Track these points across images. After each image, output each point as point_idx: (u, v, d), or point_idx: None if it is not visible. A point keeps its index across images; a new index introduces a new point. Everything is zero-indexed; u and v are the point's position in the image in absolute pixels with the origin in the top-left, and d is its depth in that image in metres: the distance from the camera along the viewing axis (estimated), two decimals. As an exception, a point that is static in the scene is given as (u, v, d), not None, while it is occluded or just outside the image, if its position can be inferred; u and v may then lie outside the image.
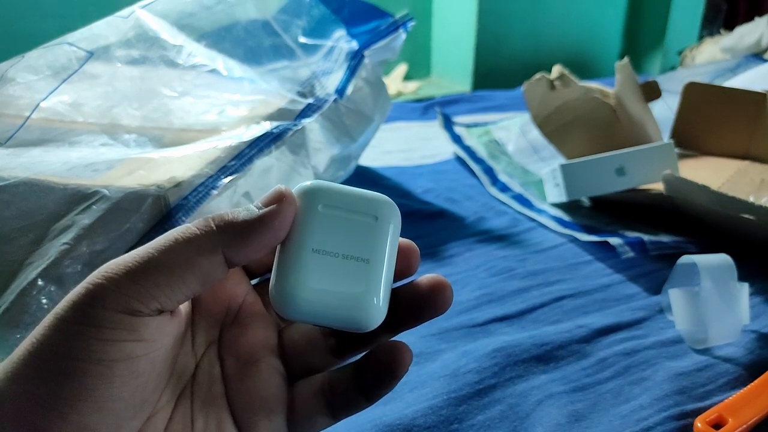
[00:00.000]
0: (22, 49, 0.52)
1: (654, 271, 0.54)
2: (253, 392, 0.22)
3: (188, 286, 0.20)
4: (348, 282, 0.21)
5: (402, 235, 0.24)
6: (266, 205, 0.20)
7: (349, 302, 0.21)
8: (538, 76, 0.72)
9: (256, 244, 0.20)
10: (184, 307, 0.22)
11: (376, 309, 0.21)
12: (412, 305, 0.23)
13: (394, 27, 0.63)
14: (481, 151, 0.82)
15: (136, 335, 0.19)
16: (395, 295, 0.23)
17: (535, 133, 0.78)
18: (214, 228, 0.20)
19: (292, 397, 0.23)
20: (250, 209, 0.20)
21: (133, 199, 0.38)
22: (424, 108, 1.07)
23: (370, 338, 0.24)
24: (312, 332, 0.24)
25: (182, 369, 0.22)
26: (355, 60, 0.59)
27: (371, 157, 0.81)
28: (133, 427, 0.20)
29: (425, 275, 0.23)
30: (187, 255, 0.19)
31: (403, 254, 0.23)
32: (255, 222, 0.20)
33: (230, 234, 0.20)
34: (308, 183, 0.22)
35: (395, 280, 0.23)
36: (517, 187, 0.72)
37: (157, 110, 0.48)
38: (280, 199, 0.20)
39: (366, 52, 0.61)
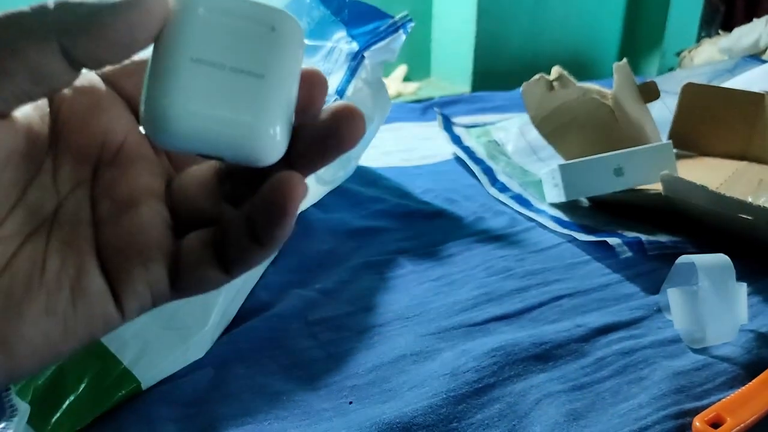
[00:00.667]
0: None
1: (652, 270, 0.54)
2: (129, 237, 0.19)
3: (15, 80, 0.16)
4: (238, 101, 0.17)
5: (400, 235, 0.23)
6: None
7: (240, 126, 0.17)
8: (536, 77, 0.72)
9: (104, 37, 0.16)
10: (30, 121, 0.18)
11: (273, 137, 0.17)
12: (315, 135, 0.19)
13: (394, 28, 0.63)
14: (481, 152, 0.83)
15: None
16: (296, 127, 0.19)
17: (534, 134, 0.79)
18: (50, 7, 0.16)
19: (179, 249, 0.20)
20: None
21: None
22: (423, 109, 1.07)
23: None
24: (205, 177, 0.21)
25: (37, 204, 0.19)
26: (355, 61, 0.60)
27: (371, 158, 0.81)
28: None
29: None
30: (9, 37, 0.15)
31: (305, 81, 0.19)
32: (104, 9, 0.16)
33: (70, 19, 0.16)
34: None
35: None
36: (516, 187, 0.72)
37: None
38: None
39: (366, 53, 0.61)
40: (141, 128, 0.18)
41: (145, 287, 0.20)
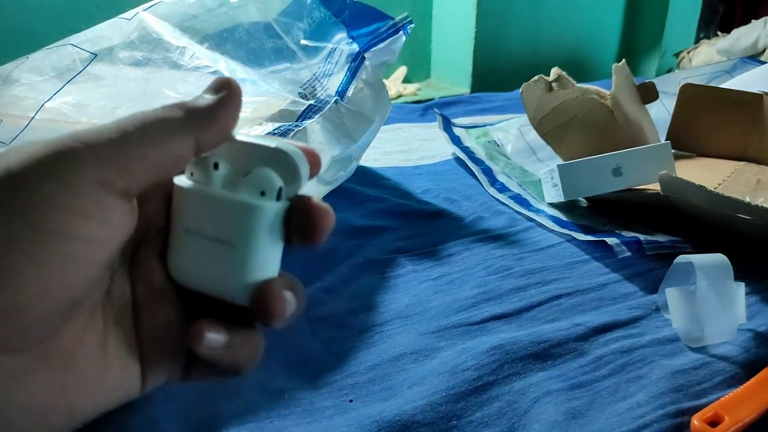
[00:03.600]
0: (27, 50, 0.53)
1: (650, 270, 0.55)
2: (163, 330, 0.21)
3: (159, 165, 0.18)
4: (215, 264, 0.21)
5: (401, 234, 0.24)
6: (216, 91, 0.20)
7: (220, 282, 0.21)
8: (536, 78, 0.72)
9: (221, 123, 0.20)
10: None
11: (243, 289, 0.21)
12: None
13: (395, 29, 0.63)
14: (480, 152, 0.83)
15: (103, 214, 0.17)
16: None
17: (533, 134, 0.79)
18: (182, 111, 0.19)
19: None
20: (203, 96, 0.20)
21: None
22: (423, 109, 1.07)
23: None
24: None
25: (103, 279, 0.20)
26: (355, 62, 0.60)
27: (371, 158, 0.82)
28: (57, 325, 0.18)
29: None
30: (160, 132, 0.18)
31: (306, 216, 0.22)
32: (216, 104, 0.20)
33: (197, 116, 0.19)
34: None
35: (297, 244, 0.23)
36: (515, 188, 0.73)
37: (160, 111, 0.48)
38: (227, 86, 0.20)
39: (366, 54, 0.61)
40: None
41: (167, 376, 0.22)
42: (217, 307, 0.22)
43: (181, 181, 0.22)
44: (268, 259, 0.22)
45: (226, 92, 0.20)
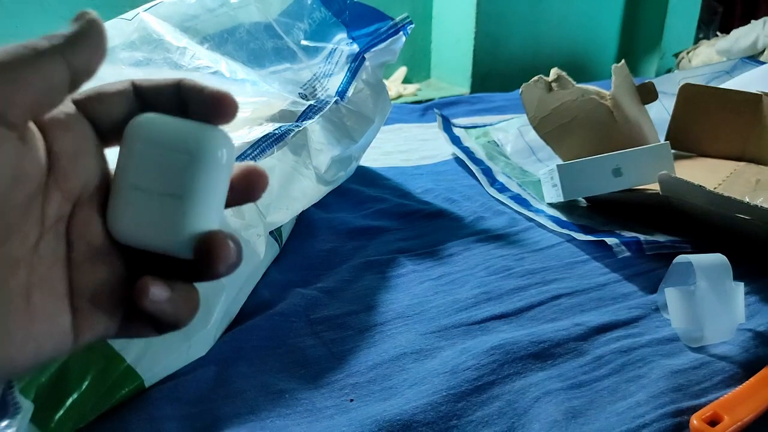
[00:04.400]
0: (27, 50, 0.53)
1: (650, 270, 0.55)
2: (102, 288, 0.22)
3: (30, 90, 0.19)
4: (161, 218, 0.22)
5: (401, 235, 0.24)
6: (77, 20, 0.21)
7: (162, 236, 0.22)
8: (535, 78, 0.72)
9: (92, 50, 0.20)
10: (37, 145, 0.21)
11: (188, 243, 0.22)
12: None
13: (394, 30, 0.63)
14: (480, 152, 0.83)
15: None
16: None
17: (533, 135, 0.79)
18: (46, 40, 0.20)
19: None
20: (69, 26, 0.21)
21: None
22: (423, 110, 1.07)
23: None
24: None
25: (26, 231, 0.20)
26: (355, 62, 0.60)
27: (371, 158, 0.82)
28: None
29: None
30: (30, 56, 0.19)
31: (244, 178, 0.24)
32: (80, 27, 0.20)
33: (61, 39, 0.20)
34: (136, 117, 0.22)
35: (237, 203, 0.24)
36: (515, 188, 0.73)
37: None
38: (85, 14, 0.21)
39: (366, 55, 0.61)
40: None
41: (102, 330, 0.22)
42: (157, 263, 0.23)
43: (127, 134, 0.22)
44: (213, 210, 0.23)
45: (88, 17, 0.21)
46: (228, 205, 0.24)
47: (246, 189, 0.24)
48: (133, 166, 0.22)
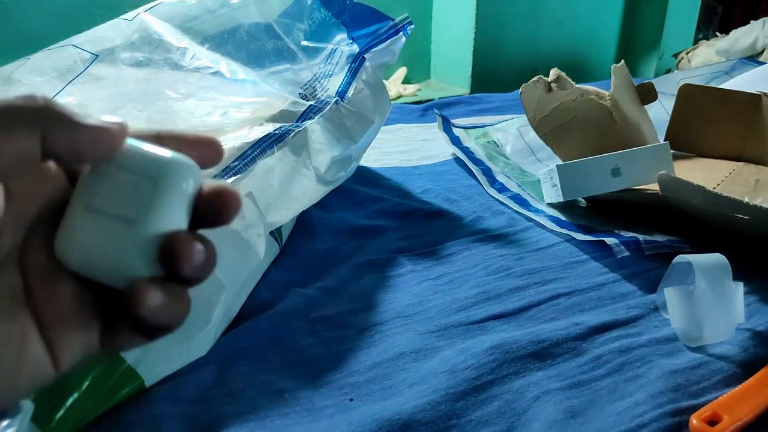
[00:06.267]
0: (28, 50, 0.53)
1: (649, 270, 0.55)
2: (67, 307, 0.21)
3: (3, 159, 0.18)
4: (109, 243, 0.21)
5: (401, 234, 0.24)
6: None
7: (110, 263, 0.21)
8: (535, 78, 0.72)
9: (79, 136, 0.19)
10: None
11: (133, 271, 0.21)
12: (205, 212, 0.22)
13: (394, 30, 0.63)
14: (480, 153, 0.83)
15: None
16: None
17: (532, 135, 0.79)
18: (40, 103, 0.19)
19: (110, 312, 0.22)
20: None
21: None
22: (423, 110, 1.07)
23: None
24: None
25: None
26: (355, 63, 0.60)
27: (371, 158, 0.82)
28: None
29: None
30: (4, 121, 0.18)
31: (216, 199, 0.22)
32: (83, 123, 0.19)
33: (55, 116, 0.19)
34: None
35: (206, 226, 0.23)
36: (514, 188, 0.73)
37: (162, 112, 0.48)
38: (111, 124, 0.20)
39: (366, 55, 0.62)
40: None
41: (81, 348, 0.21)
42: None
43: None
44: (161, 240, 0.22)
45: (107, 123, 0.20)
46: (196, 228, 0.23)
47: (217, 211, 0.22)
48: (94, 186, 0.21)
